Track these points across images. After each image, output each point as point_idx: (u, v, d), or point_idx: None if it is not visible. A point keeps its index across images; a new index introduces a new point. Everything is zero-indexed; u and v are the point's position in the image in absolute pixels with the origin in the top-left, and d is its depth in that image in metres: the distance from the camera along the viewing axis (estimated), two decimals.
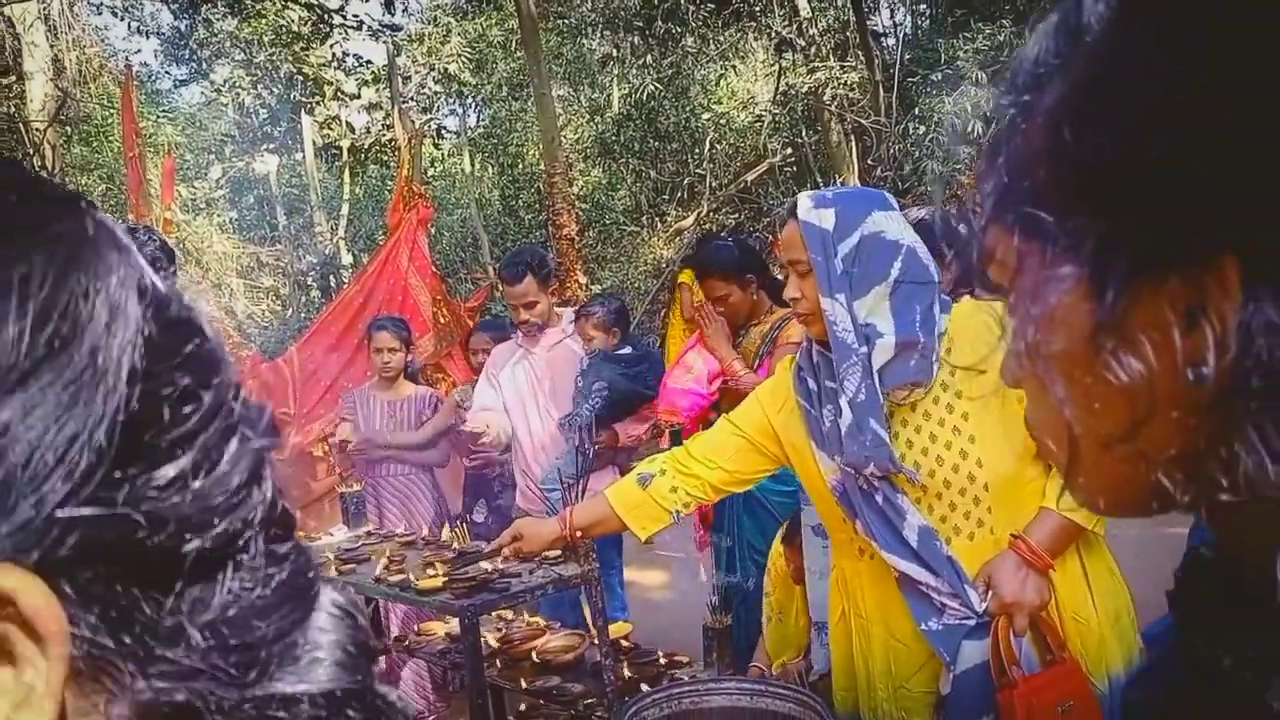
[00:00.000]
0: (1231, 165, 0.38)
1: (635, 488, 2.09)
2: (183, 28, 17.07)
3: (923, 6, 14.55)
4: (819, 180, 13.28)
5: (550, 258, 4.37)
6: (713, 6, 13.33)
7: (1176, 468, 0.44)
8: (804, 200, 1.93)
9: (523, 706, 2.73)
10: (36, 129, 10.22)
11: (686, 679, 2.36)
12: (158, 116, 15.38)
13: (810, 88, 12.82)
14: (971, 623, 1.80)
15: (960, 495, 1.82)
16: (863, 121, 12.70)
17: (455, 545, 2.76)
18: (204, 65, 17.62)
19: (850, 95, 12.47)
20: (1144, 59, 0.41)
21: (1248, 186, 0.38)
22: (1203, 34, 0.39)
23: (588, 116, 16.04)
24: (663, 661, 2.66)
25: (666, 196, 14.66)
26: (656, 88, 13.91)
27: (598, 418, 3.56)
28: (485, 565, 2.46)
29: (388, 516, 3.94)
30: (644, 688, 2.53)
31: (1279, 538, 0.41)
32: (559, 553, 2.33)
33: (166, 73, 19.50)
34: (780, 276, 2.64)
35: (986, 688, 1.78)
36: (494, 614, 3.14)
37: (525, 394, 3.82)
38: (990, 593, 1.78)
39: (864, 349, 1.83)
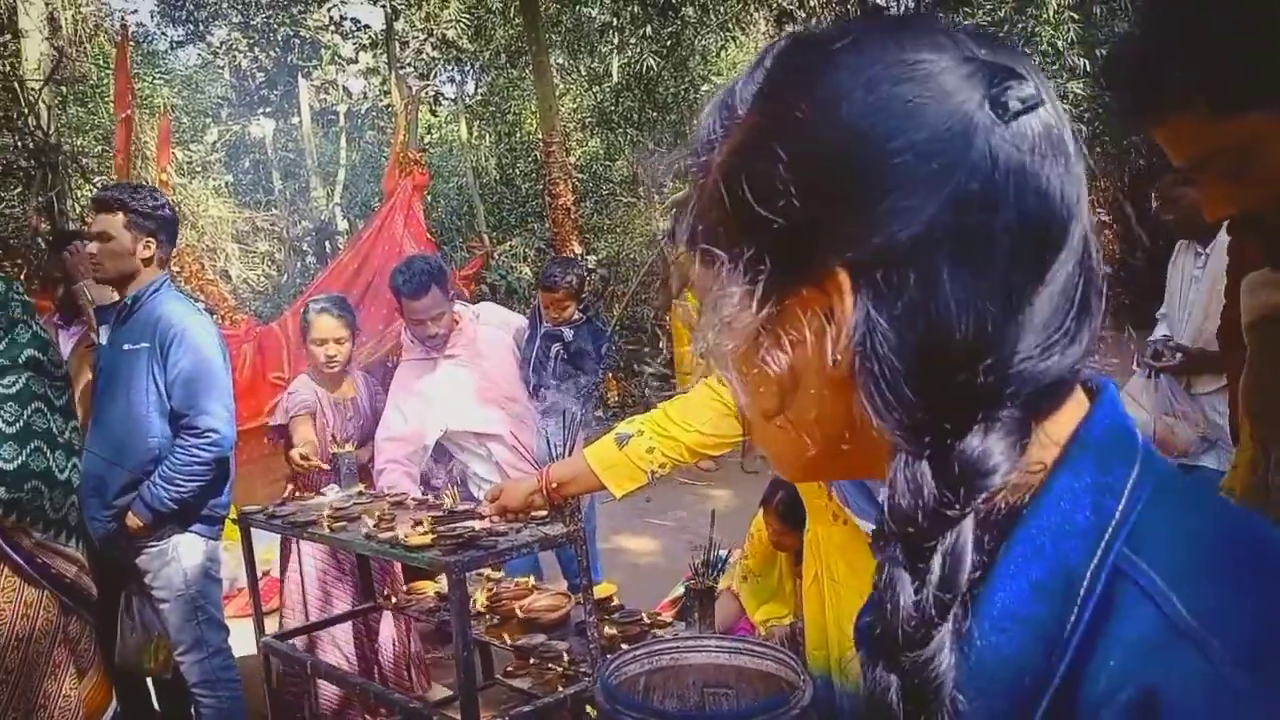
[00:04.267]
0: (826, 206, 0.52)
1: (613, 447, 2.13)
2: None
3: None
4: None
5: (445, 263, 4.07)
6: None
7: (818, 430, 0.57)
8: None
9: (509, 666, 2.79)
10: (32, 88, 10.15)
11: (668, 636, 2.43)
12: (154, 78, 15.27)
13: None
14: None
15: None
16: None
17: (446, 505, 2.82)
18: (201, 26, 17.48)
19: None
20: (773, 131, 0.54)
21: (841, 219, 0.52)
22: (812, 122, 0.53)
23: (586, 85, 15.98)
24: (646, 621, 2.74)
25: (664, 168, 14.62)
26: (656, 59, 13.84)
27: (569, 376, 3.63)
28: (474, 524, 2.52)
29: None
30: (625, 646, 2.60)
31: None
32: (545, 513, 2.39)
33: (163, 33, 19.37)
34: None
35: None
36: (484, 575, 3.21)
37: (468, 397, 3.68)
38: None
39: None
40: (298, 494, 3.40)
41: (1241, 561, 0.50)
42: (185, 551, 3.12)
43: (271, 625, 3.77)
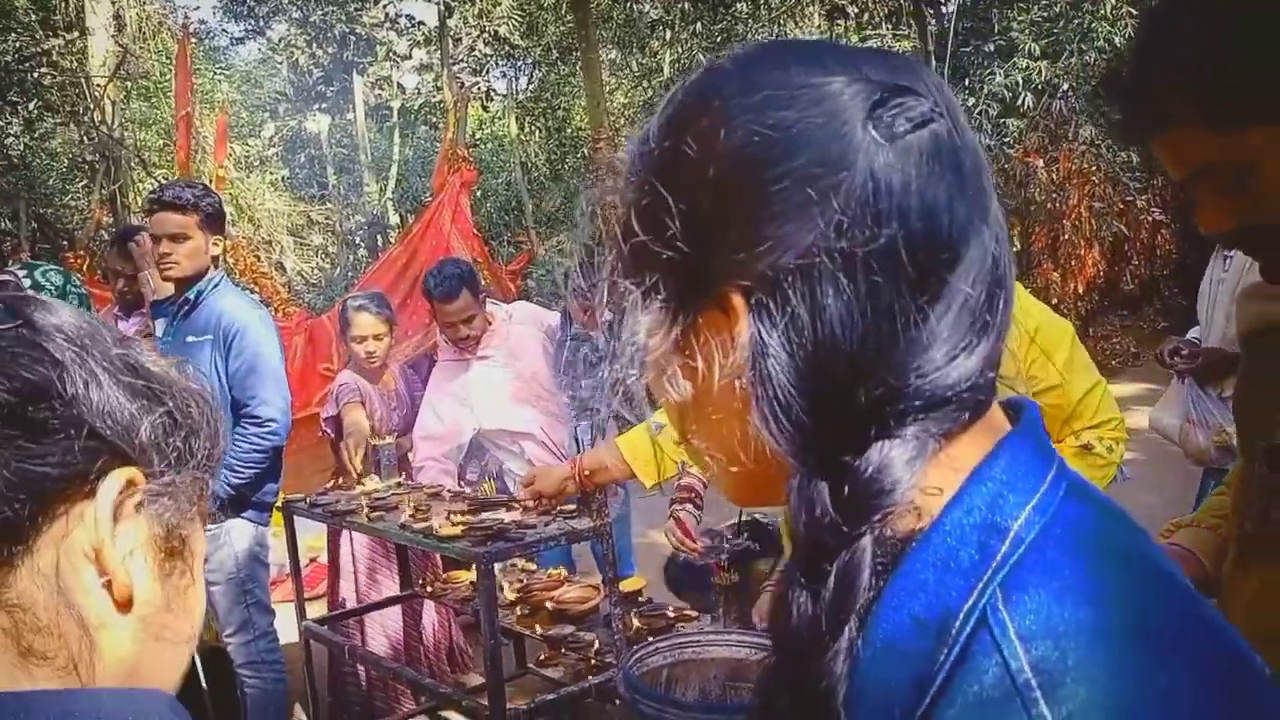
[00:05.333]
0: (714, 234, 0.55)
1: (645, 436, 2.17)
2: None
3: None
4: None
5: (483, 274, 4.24)
6: None
7: (733, 453, 0.58)
8: None
9: (542, 655, 2.85)
10: (98, 85, 10.48)
11: (692, 629, 2.47)
12: (214, 73, 15.64)
13: None
14: None
15: None
16: None
17: (479, 495, 2.89)
18: (261, 22, 17.86)
19: None
20: (666, 163, 0.57)
21: (728, 246, 0.54)
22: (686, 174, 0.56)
23: (636, 81, 16.02)
24: (672, 615, 2.78)
25: None
26: (707, 55, 13.83)
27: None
28: (504, 515, 2.59)
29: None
30: (651, 638, 2.65)
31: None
32: (574, 506, 2.45)
33: (224, 30, 19.83)
34: None
35: None
36: (518, 565, 3.28)
37: (502, 397, 3.73)
38: None
39: None
40: (341, 483, 3.51)
41: (1115, 621, 0.48)
42: (236, 536, 3.23)
43: (316, 610, 3.89)
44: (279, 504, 3.39)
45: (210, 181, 9.38)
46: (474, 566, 2.46)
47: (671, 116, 0.58)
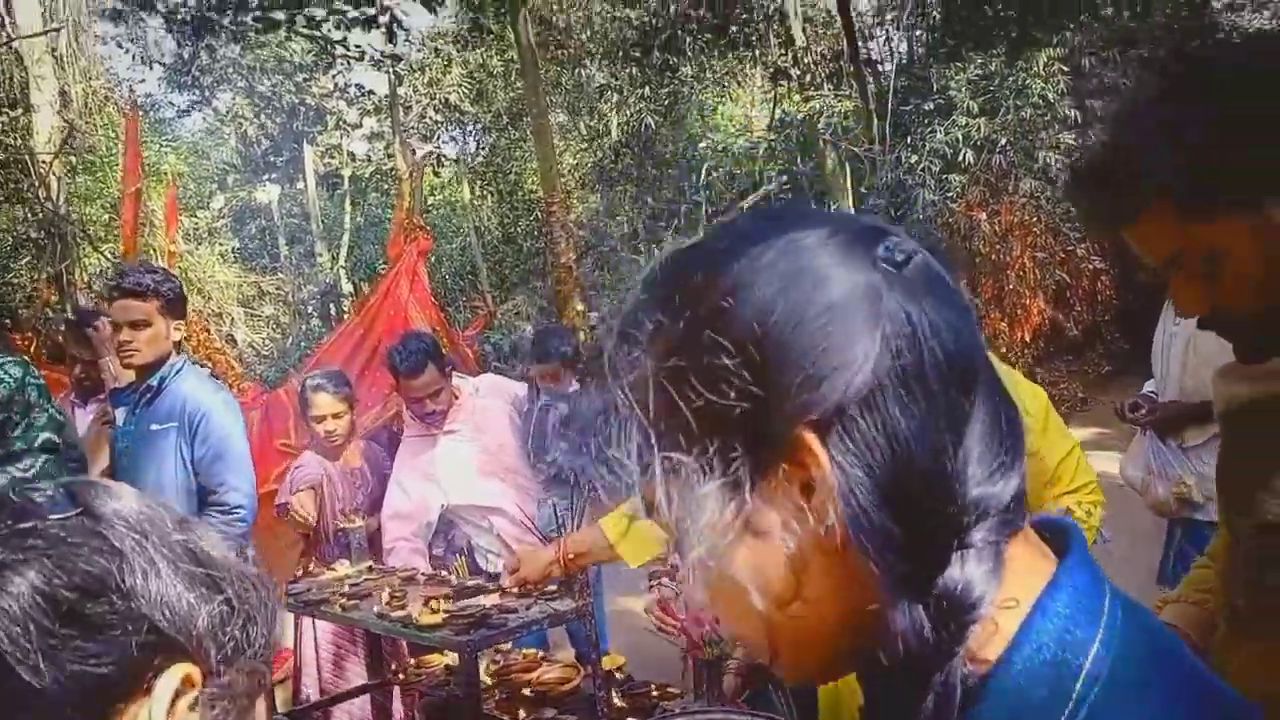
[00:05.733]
0: (777, 379, 0.54)
1: (627, 517, 2.16)
2: (186, 55, 17.29)
3: (918, 33, 14.76)
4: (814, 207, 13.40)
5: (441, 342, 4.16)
6: (709, 36, 13.53)
7: (832, 607, 0.56)
8: None
9: None
10: (43, 161, 10.35)
11: (677, 710, 2.44)
12: (160, 145, 15.54)
13: (805, 115, 13.00)
14: None
15: None
16: (856, 149, 12.85)
17: (455, 579, 2.85)
18: (206, 92, 17.82)
19: (844, 123, 12.65)
20: (702, 327, 0.56)
21: (794, 387, 0.54)
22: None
23: (586, 144, 16.23)
24: (655, 694, 2.74)
25: (664, 224, 14.81)
26: (654, 117, 14.08)
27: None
28: (484, 601, 2.55)
29: None
30: None
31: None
32: (555, 588, 2.42)
33: (170, 101, 19.75)
34: None
35: None
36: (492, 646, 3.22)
37: (470, 472, 3.71)
38: None
39: None
40: (311, 569, 3.43)
41: None
42: None
43: (281, 694, 3.77)
44: None
45: (160, 257, 9.26)
46: (458, 655, 2.41)
47: (684, 292, 0.58)
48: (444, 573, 3.13)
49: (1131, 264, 13.54)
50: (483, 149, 17.06)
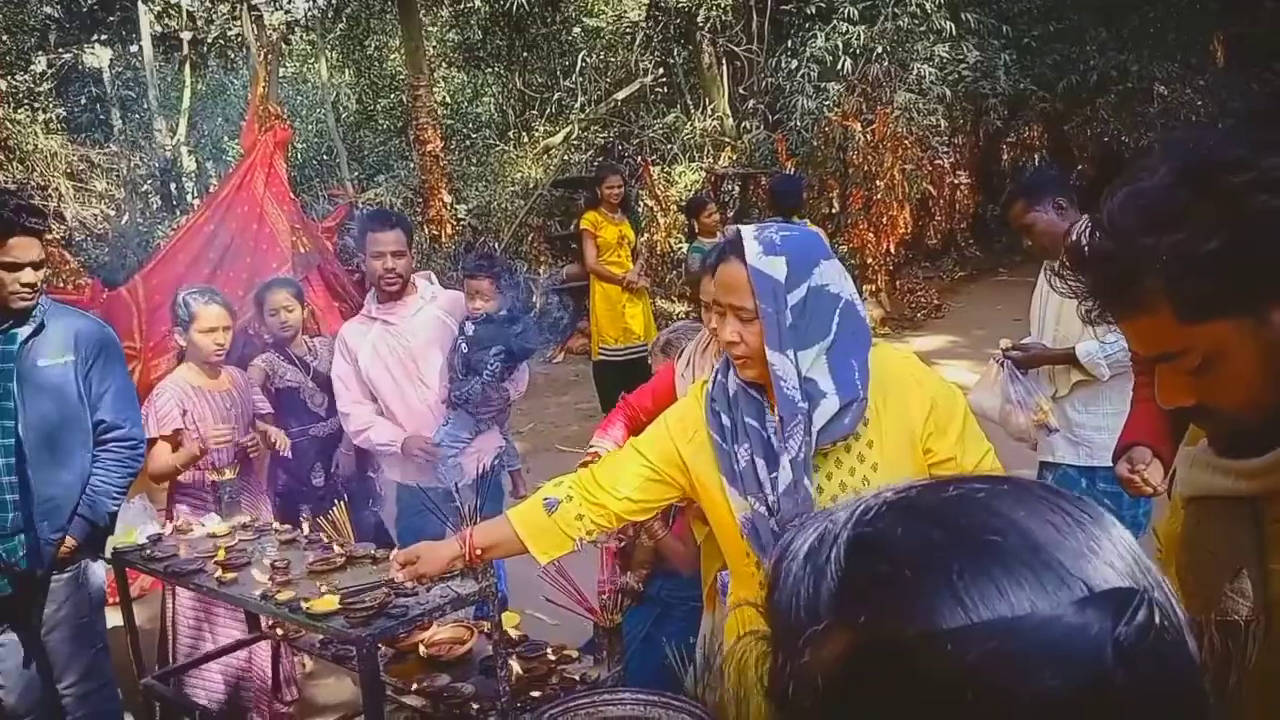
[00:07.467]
0: None
1: (540, 513, 2.06)
2: None
3: None
4: (689, 104, 13.19)
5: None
6: None
7: None
8: (750, 242, 1.84)
9: (403, 718, 2.67)
10: None
11: (584, 689, 2.42)
12: None
13: (683, 5, 12.63)
14: None
15: None
16: (734, 47, 12.62)
17: (339, 545, 2.69)
18: None
19: (723, 19, 12.36)
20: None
21: None
22: None
23: (452, 20, 15.34)
24: (553, 657, 2.70)
25: (536, 111, 14.27)
26: None
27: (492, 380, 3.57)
28: (380, 578, 2.41)
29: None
30: (533, 687, 2.58)
31: None
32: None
33: None
34: (705, 301, 2.47)
35: None
36: None
37: (393, 366, 3.67)
38: None
39: (804, 404, 1.82)
40: (178, 522, 3.19)
41: None
42: (91, 576, 3.03)
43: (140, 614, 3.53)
44: (108, 554, 3.08)
45: None
46: (356, 649, 2.29)
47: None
48: (323, 538, 2.90)
49: (988, 175, 13.97)
50: (340, 21, 15.83)
